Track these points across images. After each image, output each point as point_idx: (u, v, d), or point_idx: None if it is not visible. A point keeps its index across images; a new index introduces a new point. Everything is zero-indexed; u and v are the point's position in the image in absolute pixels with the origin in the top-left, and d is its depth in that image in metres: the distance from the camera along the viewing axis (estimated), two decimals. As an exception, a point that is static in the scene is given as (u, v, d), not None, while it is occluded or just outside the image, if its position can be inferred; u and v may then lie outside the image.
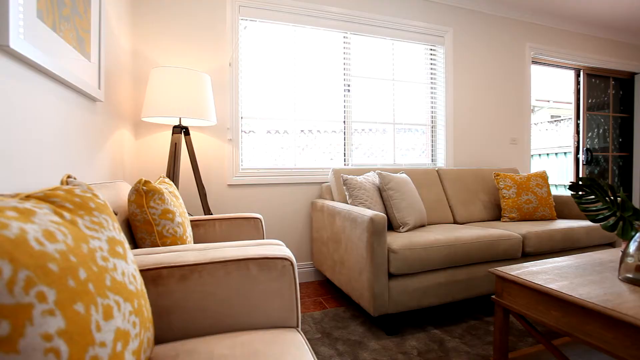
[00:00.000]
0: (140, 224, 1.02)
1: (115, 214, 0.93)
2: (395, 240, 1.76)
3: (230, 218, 1.65)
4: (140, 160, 2.23)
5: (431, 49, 3.13)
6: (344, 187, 2.13)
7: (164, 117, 1.80)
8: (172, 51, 2.26)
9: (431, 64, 3.13)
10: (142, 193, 1.02)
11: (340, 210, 2.00)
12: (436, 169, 2.76)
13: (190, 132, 2.32)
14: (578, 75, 3.97)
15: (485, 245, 1.91)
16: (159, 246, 1.04)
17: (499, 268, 1.40)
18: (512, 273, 1.33)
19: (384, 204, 2.13)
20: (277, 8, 2.51)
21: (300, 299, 2.24)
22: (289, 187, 2.58)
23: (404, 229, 2.06)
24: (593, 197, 1.45)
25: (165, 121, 2.13)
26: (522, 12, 3.41)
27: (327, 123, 2.76)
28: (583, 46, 3.83)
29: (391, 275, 1.73)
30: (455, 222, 2.60)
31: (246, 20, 2.48)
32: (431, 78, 3.14)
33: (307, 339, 1.68)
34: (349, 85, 2.79)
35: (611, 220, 1.40)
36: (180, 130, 1.98)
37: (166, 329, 0.80)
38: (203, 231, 1.62)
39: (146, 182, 1.04)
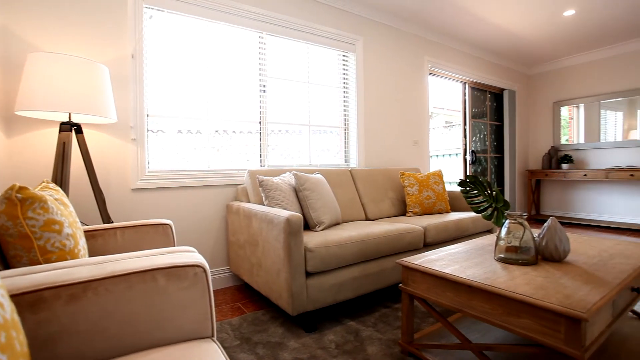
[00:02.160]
0: (14, 239, 0.86)
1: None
2: (312, 239, 1.81)
3: (135, 226, 1.49)
4: (13, 163, 1.87)
5: (344, 55, 3.29)
6: (260, 189, 2.11)
7: (47, 111, 1.54)
8: (59, 35, 1.95)
9: (344, 69, 3.30)
10: (16, 202, 0.86)
11: (257, 212, 1.98)
12: (349, 169, 2.92)
13: (84, 130, 2.03)
14: (465, 88, 4.62)
15: (393, 238, 2.10)
16: (41, 264, 0.89)
17: (404, 259, 1.55)
18: (415, 262, 1.48)
19: (300, 204, 2.17)
20: (187, 0, 2.36)
21: (217, 306, 2.15)
22: (203, 190, 2.45)
23: (320, 228, 2.13)
24: (476, 191, 1.71)
25: (49, 116, 1.82)
26: (422, 29, 3.83)
27: (242, 123, 2.69)
28: (468, 63, 4.47)
29: (308, 274, 1.77)
30: (367, 219, 2.78)
31: (151, 8, 2.27)
32: (344, 82, 3.30)
33: (225, 348, 1.62)
34: (264, 86, 2.77)
35: (489, 211, 1.66)
36: (70, 127, 1.72)
37: None
38: (101, 242, 1.43)
39: (22, 189, 0.88)
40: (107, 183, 2.11)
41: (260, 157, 2.78)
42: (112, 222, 1.86)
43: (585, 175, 4.61)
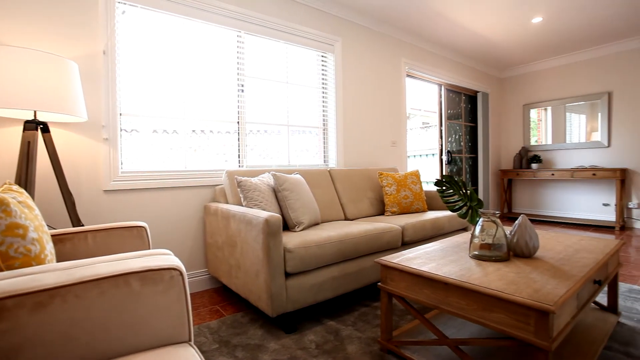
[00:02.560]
0: (-26, 245, 0.81)
1: None
2: (291, 239, 1.81)
3: (107, 229, 1.44)
4: (-26, 163, 1.76)
5: (322, 56, 3.30)
6: (239, 189, 2.09)
7: (10, 109, 1.46)
8: (24, 29, 1.85)
9: (322, 69, 3.31)
10: (-24, 205, 0.81)
11: (235, 213, 1.95)
12: (328, 169, 2.93)
13: (51, 129, 1.94)
14: (440, 90, 4.74)
15: (372, 238, 2.12)
16: (2, 271, 0.84)
17: (383, 258, 1.57)
18: (393, 261, 1.51)
19: (279, 204, 2.16)
20: (161, -4, 2.30)
21: (195, 309, 2.10)
22: (180, 191, 2.39)
23: (299, 228, 2.12)
24: (451, 191, 1.75)
25: (13, 114, 1.73)
26: (400, 32, 3.90)
27: (220, 123, 2.65)
28: (444, 66, 4.59)
29: (288, 275, 1.76)
30: (346, 219, 2.80)
31: (124, 4, 2.19)
32: (323, 83, 3.32)
33: (203, 352, 1.58)
34: (242, 86, 2.74)
35: (464, 210, 1.71)
36: (36, 126, 1.63)
37: (16, 371, 0.65)
38: (71, 247, 1.37)
39: (-18, 191, 0.82)
40: (77, 185, 2.02)
41: (239, 157, 2.74)
42: (83, 225, 1.79)
43: (553, 174, 4.83)
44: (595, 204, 4.80)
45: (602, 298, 2.14)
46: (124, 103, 2.23)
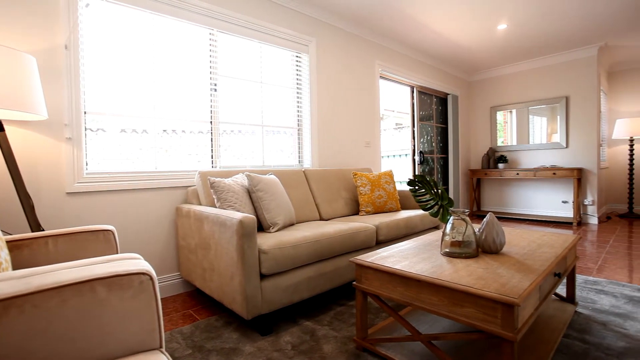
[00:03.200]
0: None
1: None
2: (266, 240, 1.79)
3: (70, 233, 1.36)
4: None
5: (297, 56, 3.30)
6: (212, 190, 2.04)
7: (-42, 106, 1.35)
8: (-29, 20, 1.72)
9: (297, 70, 3.31)
10: None
11: (209, 215, 1.91)
12: (303, 169, 2.93)
13: (6, 127, 1.81)
14: (413, 92, 4.86)
15: (347, 237, 2.14)
16: (-48, 280, 0.78)
17: (357, 257, 1.59)
18: (367, 260, 1.53)
19: (253, 205, 2.14)
20: (128, -10, 2.21)
21: (167, 314, 2.04)
22: (150, 193, 2.31)
23: (274, 229, 2.11)
24: (424, 190, 1.80)
25: (-39, 112, 1.60)
26: (373, 34, 3.96)
27: (193, 123, 2.58)
28: (416, 69, 4.70)
29: (263, 276, 1.75)
30: (321, 219, 2.81)
31: (87, -3, 2.09)
32: (297, 83, 3.31)
33: (176, 358, 1.54)
34: (215, 85, 2.68)
35: (435, 208, 1.76)
36: (-12, 124, 1.52)
37: (-33, 388, 0.60)
38: (29, 253, 1.29)
39: None
40: (37, 187, 1.90)
41: (212, 158, 2.68)
42: (43, 230, 1.69)
43: (518, 174, 5.08)
44: (555, 202, 5.09)
45: (562, 289, 2.27)
46: (90, 101, 2.12)
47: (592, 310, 1.93)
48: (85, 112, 2.10)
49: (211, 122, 2.67)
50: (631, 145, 5.16)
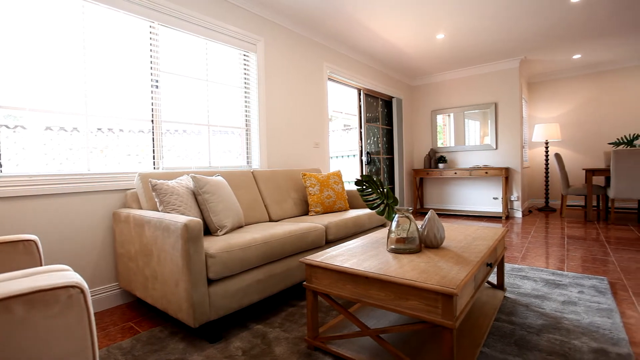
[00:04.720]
0: None
1: None
2: (213, 244, 1.73)
3: (-19, 245, 1.19)
4: None
5: (245, 55, 3.23)
6: (154, 193, 1.92)
7: None
8: None
9: (245, 69, 3.24)
10: None
11: (150, 219, 1.79)
12: (251, 170, 2.88)
13: None
14: (360, 94, 5.01)
15: (297, 238, 2.14)
16: None
17: (307, 257, 1.60)
18: (317, 260, 1.54)
19: (199, 208, 2.05)
20: (52, -28, 1.99)
21: (104, 329, 1.87)
22: (82, 197, 2.10)
23: (222, 232, 2.05)
24: (370, 190, 1.87)
25: None
26: (321, 37, 4.01)
27: (132, 121, 2.40)
28: (363, 72, 4.86)
29: (211, 281, 1.68)
30: (270, 220, 2.78)
31: (0, -23, 1.84)
32: (245, 83, 3.24)
33: (113, 376, 1.42)
34: (157, 81, 2.52)
35: (381, 207, 1.84)
36: None
37: None
38: None
39: None
40: (-64, 193, 1.64)
41: (154, 158, 2.52)
42: (-55, 243, 1.45)
43: (455, 173, 5.49)
44: (487, 198, 5.59)
45: (493, 277, 2.50)
46: (4, 94, 1.88)
47: (517, 295, 2.15)
48: (-1, 107, 1.85)
49: (152, 120, 2.51)
50: (546, 148, 5.85)
